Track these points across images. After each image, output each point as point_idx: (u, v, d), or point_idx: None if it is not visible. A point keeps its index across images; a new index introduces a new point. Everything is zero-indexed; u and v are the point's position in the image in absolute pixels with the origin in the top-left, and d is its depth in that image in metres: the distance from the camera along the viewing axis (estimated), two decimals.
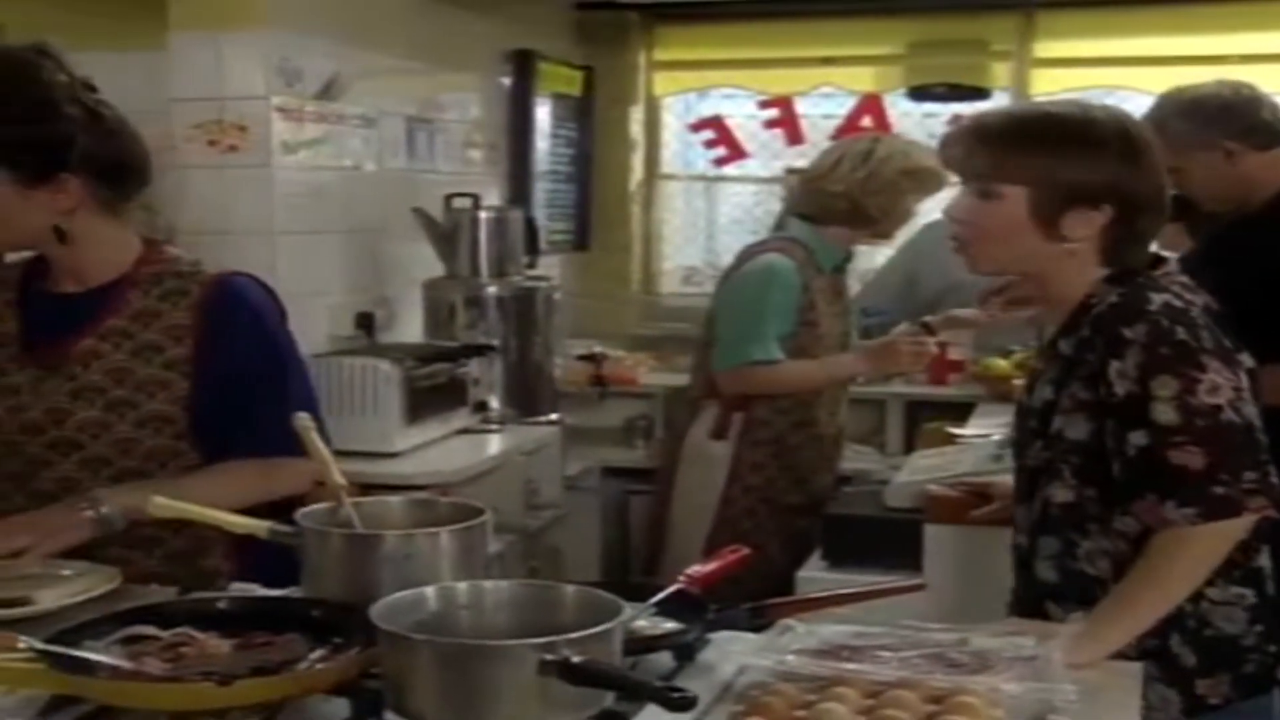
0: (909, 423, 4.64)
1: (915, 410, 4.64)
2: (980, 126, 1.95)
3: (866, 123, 5.40)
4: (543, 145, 5.11)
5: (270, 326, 2.18)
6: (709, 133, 5.72)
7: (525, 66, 4.96)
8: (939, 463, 3.09)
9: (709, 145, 5.73)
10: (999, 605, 2.04)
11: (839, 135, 5.29)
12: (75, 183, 2.06)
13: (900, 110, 5.45)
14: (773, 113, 5.58)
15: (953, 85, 5.31)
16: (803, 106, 5.56)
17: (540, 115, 5.06)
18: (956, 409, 4.15)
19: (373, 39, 4.05)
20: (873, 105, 5.45)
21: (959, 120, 3.34)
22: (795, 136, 5.57)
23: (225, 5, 3.54)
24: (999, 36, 5.34)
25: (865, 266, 4.69)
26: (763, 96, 5.58)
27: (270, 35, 3.61)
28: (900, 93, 5.43)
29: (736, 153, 5.70)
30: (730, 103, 5.70)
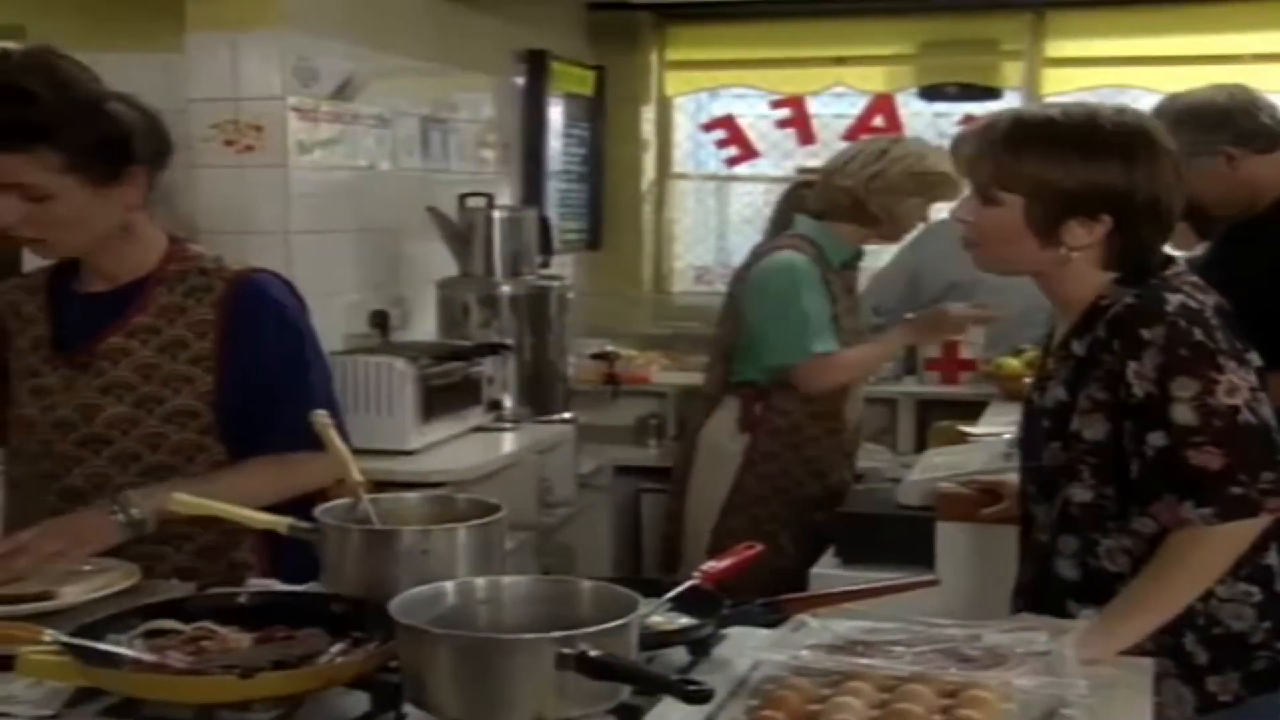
0: (920, 421, 4.64)
1: (927, 409, 4.65)
2: (986, 131, 1.96)
3: (878, 122, 5.41)
4: (555, 145, 5.12)
5: (292, 323, 2.19)
6: (721, 132, 5.73)
7: (538, 67, 4.97)
8: (951, 461, 3.10)
9: (721, 145, 5.75)
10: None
11: (851, 135, 5.32)
12: (141, 173, 2.09)
13: (912, 110, 5.46)
14: (784, 112, 5.60)
15: (964, 85, 5.32)
16: (814, 106, 5.57)
17: (553, 115, 5.08)
18: (968, 408, 4.15)
19: (387, 40, 4.07)
20: (884, 105, 5.46)
21: (972, 120, 3.34)
22: (807, 136, 5.59)
23: (242, 7, 3.56)
24: (1010, 36, 5.35)
25: (870, 265, 4.68)
26: (774, 96, 5.60)
27: (286, 36, 3.63)
28: (912, 92, 5.44)
29: (748, 152, 5.71)
30: (742, 102, 5.71)
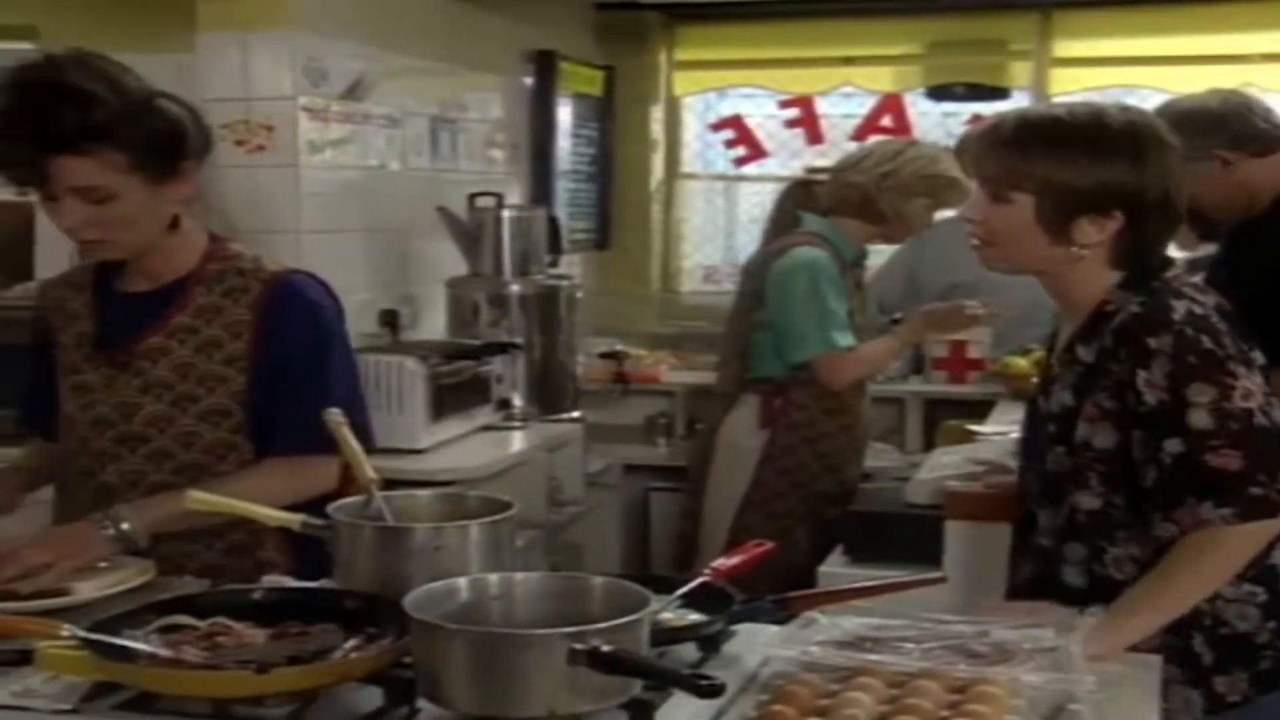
0: (928, 421, 4.65)
1: (935, 408, 4.65)
2: (995, 130, 1.96)
3: (886, 122, 5.42)
4: (564, 145, 5.13)
5: (322, 324, 2.19)
6: (729, 132, 5.73)
7: (547, 67, 4.98)
8: (958, 460, 3.11)
9: (729, 145, 5.75)
10: None
11: (859, 135, 5.33)
12: (193, 168, 2.10)
13: (920, 110, 5.46)
14: (793, 112, 5.60)
15: (972, 85, 5.32)
16: (823, 106, 5.57)
17: (562, 115, 5.09)
18: (975, 407, 4.16)
19: (397, 40, 4.08)
20: (893, 105, 5.46)
21: (980, 121, 3.35)
22: (815, 136, 5.59)
23: (252, 7, 3.58)
24: (1018, 36, 5.34)
25: (870, 265, 4.67)
26: (783, 96, 5.60)
27: (297, 37, 3.64)
28: (920, 92, 5.44)
29: (756, 152, 5.71)
30: (750, 102, 5.71)
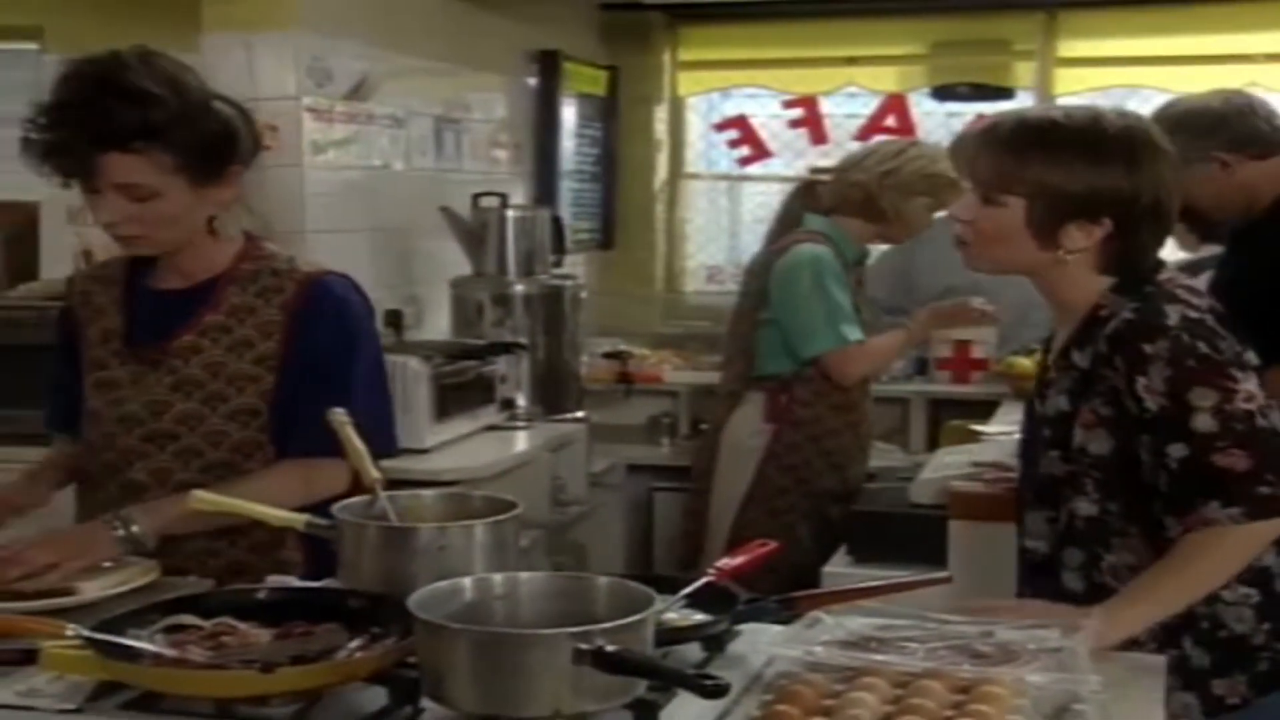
0: (932, 421, 4.65)
1: (939, 408, 4.65)
2: (989, 131, 1.96)
3: (890, 122, 5.41)
4: (568, 145, 5.13)
5: (349, 325, 2.18)
6: (733, 132, 5.73)
7: (551, 67, 4.99)
8: (963, 460, 3.11)
9: (733, 145, 5.74)
10: None
11: (863, 135, 5.32)
12: (239, 172, 2.10)
13: (924, 110, 5.45)
14: (797, 112, 5.59)
15: (976, 85, 5.31)
16: (827, 106, 5.56)
17: (566, 115, 5.09)
18: (980, 407, 4.16)
19: (401, 40, 4.08)
20: (896, 105, 5.46)
21: (979, 121, 3.34)
22: (819, 136, 5.58)
23: (257, 8, 3.58)
24: (1022, 36, 5.34)
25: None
26: (787, 96, 5.59)
27: (301, 37, 3.64)
28: (924, 92, 5.43)
29: (760, 152, 5.70)
30: (754, 102, 5.70)
